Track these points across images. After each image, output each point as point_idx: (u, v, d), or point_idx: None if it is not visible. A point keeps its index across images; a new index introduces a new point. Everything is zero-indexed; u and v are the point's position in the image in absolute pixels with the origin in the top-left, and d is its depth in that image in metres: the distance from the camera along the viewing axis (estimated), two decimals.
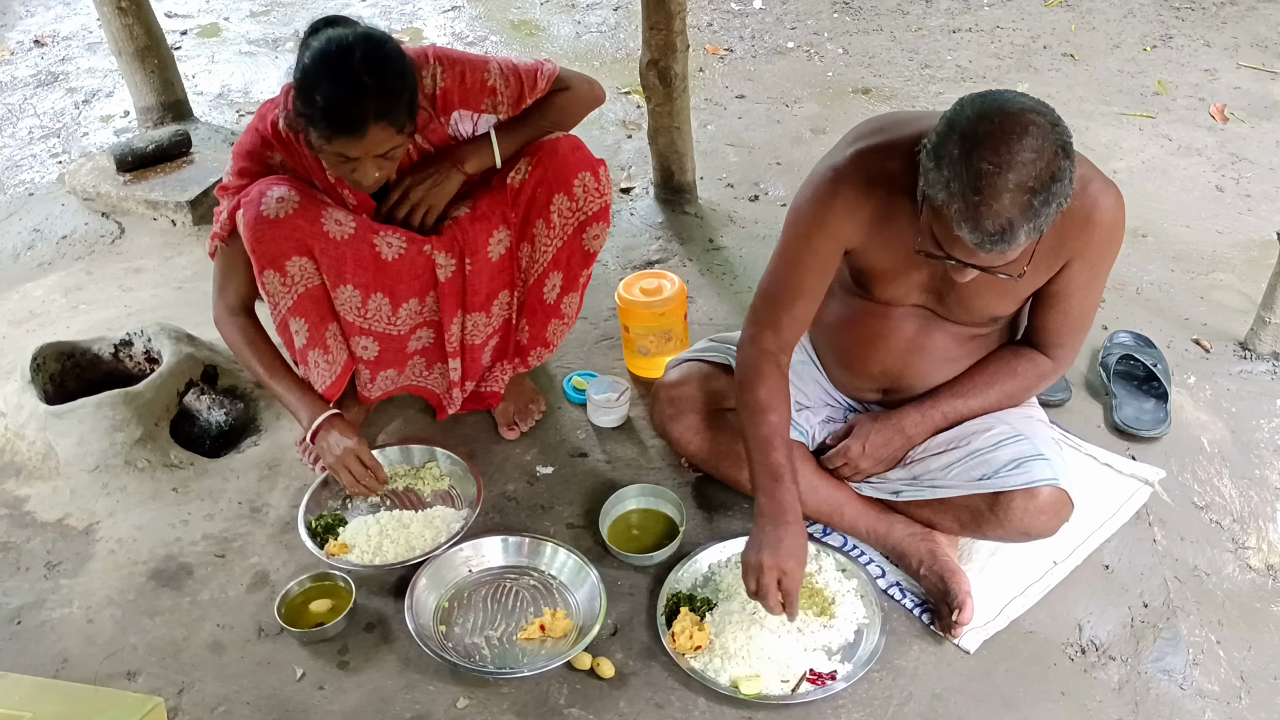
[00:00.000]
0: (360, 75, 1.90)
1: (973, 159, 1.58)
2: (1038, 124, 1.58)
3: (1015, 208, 1.58)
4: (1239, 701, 1.91)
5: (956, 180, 1.59)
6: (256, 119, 2.16)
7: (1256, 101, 3.95)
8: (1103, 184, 1.82)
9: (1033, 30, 4.54)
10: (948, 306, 1.97)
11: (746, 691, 1.87)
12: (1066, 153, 1.60)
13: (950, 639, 1.98)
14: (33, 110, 4.30)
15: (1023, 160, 1.56)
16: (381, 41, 1.96)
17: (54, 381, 2.50)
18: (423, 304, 2.25)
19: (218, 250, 2.22)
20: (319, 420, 2.20)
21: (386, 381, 2.36)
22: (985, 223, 1.59)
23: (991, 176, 1.57)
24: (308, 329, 2.18)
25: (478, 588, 2.12)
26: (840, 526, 2.17)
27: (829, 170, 1.89)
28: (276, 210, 2.04)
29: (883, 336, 2.04)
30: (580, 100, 2.29)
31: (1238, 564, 2.17)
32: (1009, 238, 1.60)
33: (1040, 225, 1.62)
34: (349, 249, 2.10)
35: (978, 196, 1.58)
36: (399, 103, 1.95)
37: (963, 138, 1.60)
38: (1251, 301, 2.76)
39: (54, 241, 3.34)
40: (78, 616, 2.10)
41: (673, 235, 3.22)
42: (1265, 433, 2.45)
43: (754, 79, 4.28)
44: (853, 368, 2.15)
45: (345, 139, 1.93)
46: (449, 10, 4.99)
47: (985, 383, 2.04)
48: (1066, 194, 1.62)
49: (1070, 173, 1.61)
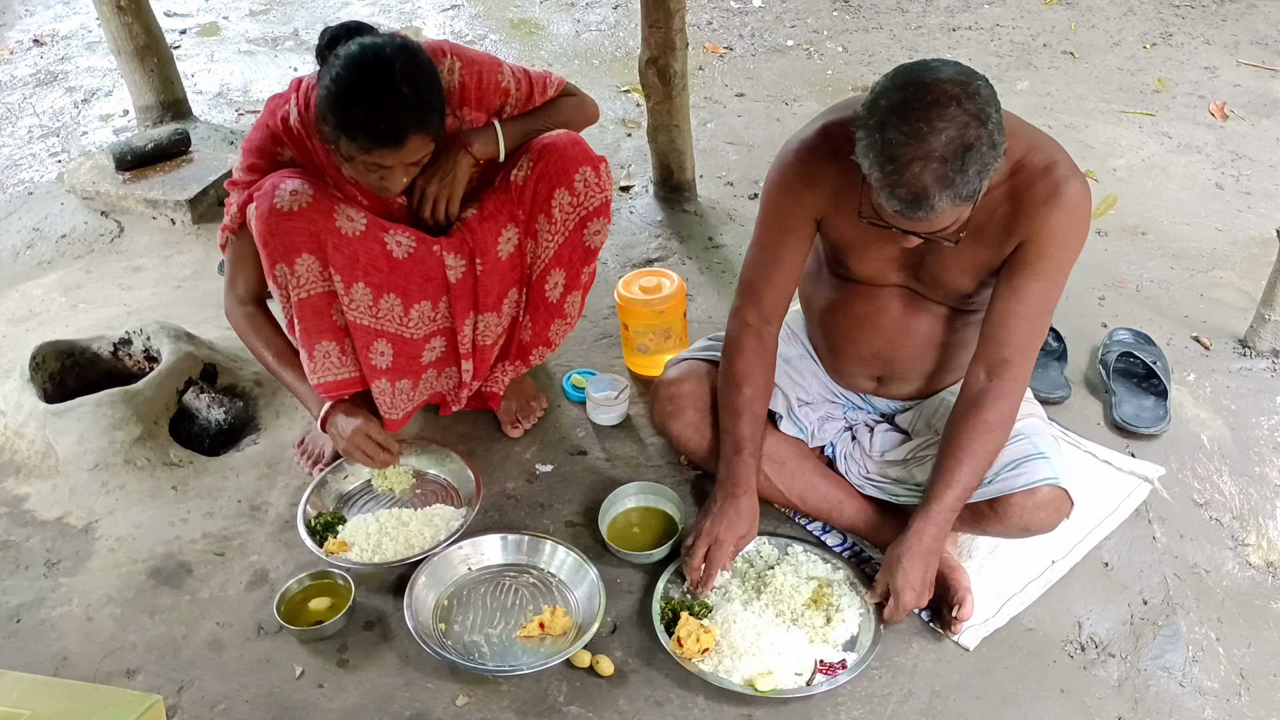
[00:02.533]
0: (401, 88, 1.90)
1: (886, 129, 1.62)
2: (950, 93, 1.60)
3: (928, 175, 1.60)
4: (1238, 699, 1.91)
5: (873, 149, 1.64)
6: (265, 114, 2.15)
7: (1256, 99, 3.95)
8: (1070, 172, 1.82)
9: (1032, 28, 4.54)
10: (925, 284, 1.99)
11: (763, 689, 1.87)
12: (983, 121, 1.61)
13: (950, 636, 1.98)
14: (32, 109, 4.30)
15: (933, 129, 1.59)
16: (416, 52, 1.97)
17: (53, 380, 2.50)
18: (435, 308, 2.24)
19: (228, 242, 2.21)
20: (326, 407, 2.21)
21: (403, 398, 2.31)
22: (899, 190, 1.63)
23: (901, 146, 1.60)
24: (302, 329, 2.16)
25: (477, 586, 2.12)
26: (840, 524, 2.17)
27: (796, 143, 1.96)
28: (290, 203, 2.03)
29: (870, 318, 2.07)
30: (584, 108, 2.33)
31: (1237, 561, 2.17)
32: (926, 205, 1.63)
33: (961, 191, 1.63)
34: (360, 246, 2.10)
35: (891, 165, 1.62)
36: (434, 113, 1.98)
37: (881, 108, 1.63)
38: (1251, 299, 2.76)
39: (53, 240, 3.34)
40: (77, 615, 2.10)
41: (672, 233, 3.22)
42: (1265, 430, 2.45)
43: (753, 77, 4.27)
44: (845, 353, 2.16)
45: (384, 150, 1.94)
46: (448, 9, 4.99)
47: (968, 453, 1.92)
48: (988, 160, 1.64)
49: (990, 140, 1.62)
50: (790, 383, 2.20)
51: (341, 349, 2.19)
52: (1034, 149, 1.83)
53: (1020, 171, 1.83)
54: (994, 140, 1.63)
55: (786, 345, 2.24)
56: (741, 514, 2.03)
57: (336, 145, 1.98)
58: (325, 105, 1.94)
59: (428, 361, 2.31)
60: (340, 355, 2.19)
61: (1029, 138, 1.84)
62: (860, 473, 2.17)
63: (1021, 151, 1.82)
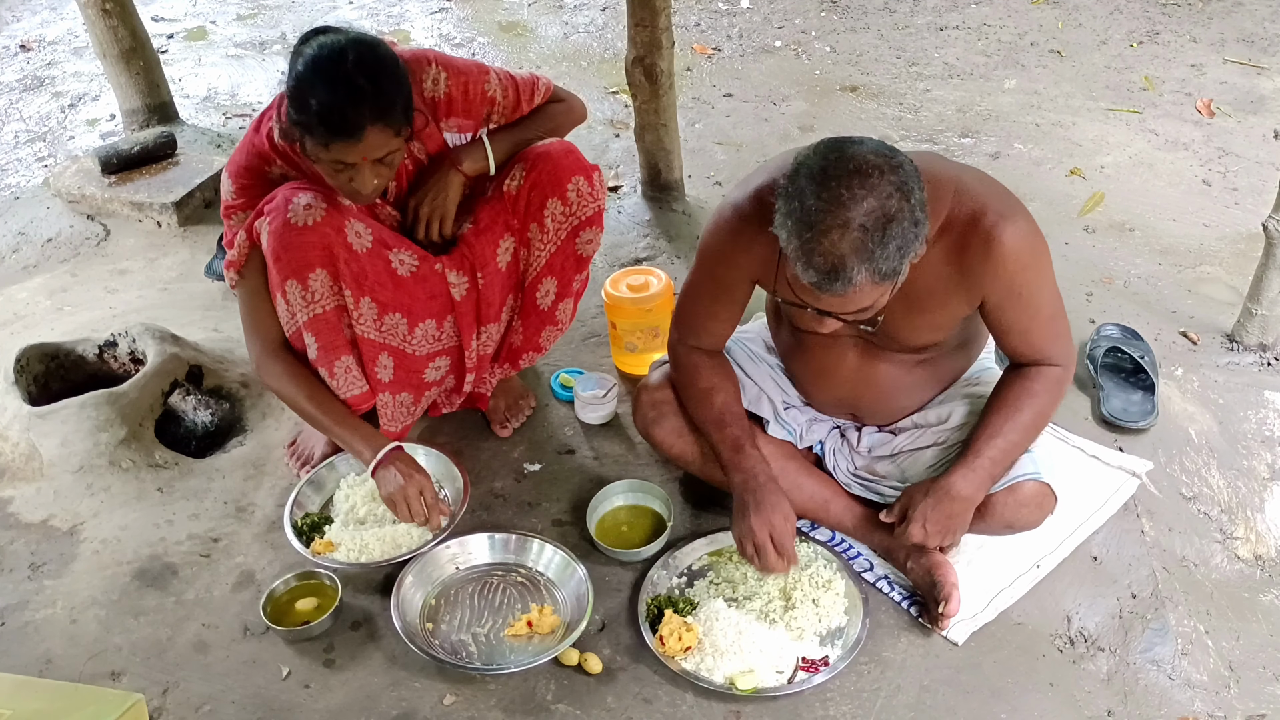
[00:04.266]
0: (354, 78, 1.88)
1: (806, 196, 1.59)
2: (874, 164, 1.58)
3: (845, 244, 1.57)
4: (1227, 691, 1.91)
5: (791, 216, 1.61)
6: (250, 133, 2.12)
7: (1243, 96, 3.96)
8: (999, 215, 1.76)
9: (1020, 27, 4.55)
10: (879, 338, 1.94)
11: (743, 687, 1.86)
12: (905, 195, 1.58)
13: (938, 631, 1.98)
14: (18, 115, 4.28)
15: (853, 196, 1.56)
16: (374, 45, 1.95)
17: (38, 383, 2.49)
18: (440, 327, 2.22)
19: (239, 283, 2.13)
20: (381, 454, 2.12)
21: (404, 411, 2.29)
22: (816, 259, 1.59)
23: (820, 213, 1.57)
24: (318, 347, 2.12)
25: (464, 585, 2.11)
26: (827, 522, 2.17)
27: (730, 207, 1.93)
28: (305, 218, 2.00)
29: (828, 368, 2.05)
30: (572, 112, 2.32)
31: (1226, 554, 2.17)
32: (843, 276, 1.58)
33: (880, 267, 1.59)
34: (368, 262, 2.08)
35: (809, 233, 1.58)
36: (395, 105, 1.94)
37: (802, 177, 1.61)
38: (1238, 294, 2.76)
39: (39, 244, 3.33)
40: (61, 617, 2.09)
41: (660, 233, 3.21)
42: (1252, 423, 2.45)
43: (742, 78, 4.27)
44: (812, 396, 2.17)
45: (342, 143, 1.91)
46: (436, 12, 4.98)
47: (1012, 410, 1.92)
48: (910, 238, 1.60)
49: (913, 217, 1.59)
50: (775, 387, 2.19)
51: (358, 362, 2.18)
52: (959, 199, 1.77)
53: (951, 227, 1.78)
54: (916, 219, 1.60)
55: (769, 353, 2.23)
56: (775, 495, 1.98)
57: (302, 145, 1.96)
58: (288, 105, 1.93)
59: (430, 380, 2.30)
60: (360, 369, 2.18)
61: (952, 185, 1.78)
62: (848, 469, 2.17)
63: (947, 205, 1.77)
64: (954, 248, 1.79)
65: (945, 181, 1.78)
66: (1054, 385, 1.95)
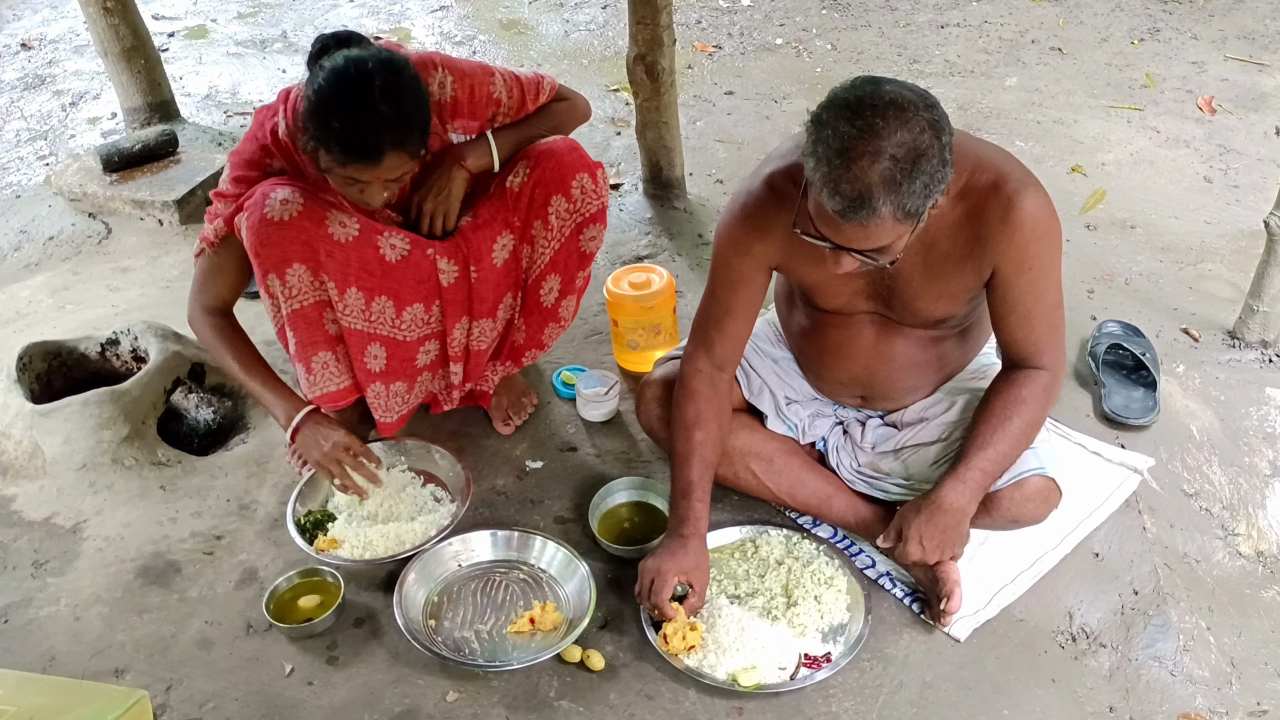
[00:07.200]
0: (379, 105, 1.88)
1: (839, 124, 1.59)
2: (908, 99, 1.59)
3: (874, 173, 1.57)
4: (1229, 687, 1.91)
5: (822, 143, 1.61)
6: (255, 126, 2.12)
7: (1244, 93, 3.96)
8: (1020, 182, 1.79)
9: (1021, 25, 4.54)
10: (896, 310, 1.96)
11: (745, 684, 1.87)
12: (937, 133, 1.59)
13: (940, 628, 1.98)
14: (19, 113, 4.28)
15: (888, 125, 1.57)
16: (400, 69, 1.94)
17: (40, 381, 2.49)
18: (428, 311, 2.22)
19: (204, 253, 2.16)
20: (298, 417, 2.15)
21: (398, 401, 2.30)
22: (843, 186, 1.58)
23: (853, 139, 1.57)
24: (297, 341, 2.15)
25: (467, 582, 2.12)
26: (829, 519, 2.17)
27: (743, 196, 1.94)
28: (281, 213, 2.00)
29: (844, 346, 2.05)
30: (576, 110, 2.32)
31: (1227, 551, 2.17)
32: (868, 204, 1.59)
33: (905, 203, 1.60)
34: (354, 251, 2.08)
35: (839, 159, 1.58)
36: (414, 131, 1.95)
37: (836, 105, 1.61)
38: (1240, 291, 2.77)
39: (41, 242, 3.33)
40: (65, 615, 2.09)
41: (662, 230, 3.22)
42: (1254, 420, 2.45)
43: (743, 75, 4.27)
44: (824, 376, 2.16)
45: (359, 165, 1.92)
46: (437, 10, 4.98)
47: (1001, 419, 1.92)
48: (936, 178, 1.61)
49: (941, 157, 1.60)
50: (779, 381, 2.20)
51: (338, 358, 2.18)
52: (979, 169, 1.79)
53: (969, 193, 1.80)
54: (945, 159, 1.61)
55: (774, 347, 2.23)
56: (688, 551, 1.96)
57: (315, 157, 1.96)
58: (305, 117, 1.93)
59: (422, 365, 2.31)
60: (337, 364, 2.19)
61: (973, 155, 1.80)
62: (851, 465, 2.17)
63: (967, 172, 1.78)
64: (973, 212, 1.80)
65: (968, 149, 1.79)
66: (1042, 393, 1.94)
